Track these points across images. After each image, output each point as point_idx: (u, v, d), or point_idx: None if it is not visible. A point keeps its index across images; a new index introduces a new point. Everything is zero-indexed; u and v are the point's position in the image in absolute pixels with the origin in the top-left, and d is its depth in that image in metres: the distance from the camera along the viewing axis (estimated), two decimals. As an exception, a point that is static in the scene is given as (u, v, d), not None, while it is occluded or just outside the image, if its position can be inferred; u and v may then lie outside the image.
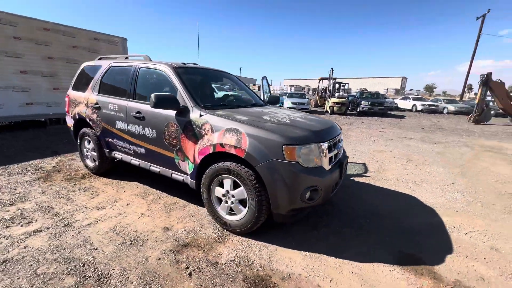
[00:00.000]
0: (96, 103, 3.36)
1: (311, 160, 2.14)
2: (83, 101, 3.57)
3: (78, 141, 3.78)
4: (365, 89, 25.86)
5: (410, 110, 20.59)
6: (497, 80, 12.63)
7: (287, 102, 15.69)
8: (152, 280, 1.81)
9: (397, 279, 1.92)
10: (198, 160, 2.45)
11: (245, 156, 2.13)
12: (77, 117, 3.65)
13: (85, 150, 3.76)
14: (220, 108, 2.72)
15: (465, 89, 28.66)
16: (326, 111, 16.51)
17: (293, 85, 49.76)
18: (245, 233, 2.37)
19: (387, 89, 51.52)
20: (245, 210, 2.30)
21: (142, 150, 2.97)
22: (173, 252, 2.12)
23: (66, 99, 3.90)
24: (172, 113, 2.62)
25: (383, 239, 2.44)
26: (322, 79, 19.50)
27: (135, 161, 3.13)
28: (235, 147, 2.18)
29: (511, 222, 2.85)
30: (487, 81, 12.36)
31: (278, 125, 2.31)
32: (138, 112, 2.89)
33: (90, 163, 3.76)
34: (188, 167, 2.60)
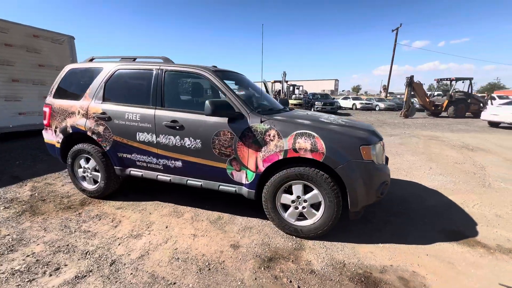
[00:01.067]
0: (103, 113, 2.81)
1: (380, 158, 2.29)
2: (79, 111, 2.93)
3: (69, 160, 3.07)
4: (306, 91, 28.08)
5: (351, 109, 23.40)
6: (417, 82, 15.52)
7: None
8: (267, 302, 1.66)
9: (461, 253, 2.24)
10: (262, 168, 2.33)
11: (323, 159, 2.14)
12: (70, 131, 2.97)
13: (80, 170, 3.08)
14: (273, 113, 2.63)
15: (383, 89, 34.12)
16: None
17: (240, 88, 50.29)
18: (318, 237, 2.36)
19: (324, 90, 57.15)
20: (318, 213, 2.30)
21: (178, 164, 2.64)
22: (264, 268, 1.97)
23: (46, 109, 3.12)
24: (223, 120, 2.42)
25: (424, 221, 2.77)
26: (275, 81, 20.40)
27: (165, 177, 2.75)
28: (311, 151, 2.17)
29: (492, 193, 3.60)
30: (411, 83, 15.06)
31: (342, 127, 2.39)
32: (174, 121, 2.55)
33: (89, 185, 3.10)
34: (245, 176, 2.44)
